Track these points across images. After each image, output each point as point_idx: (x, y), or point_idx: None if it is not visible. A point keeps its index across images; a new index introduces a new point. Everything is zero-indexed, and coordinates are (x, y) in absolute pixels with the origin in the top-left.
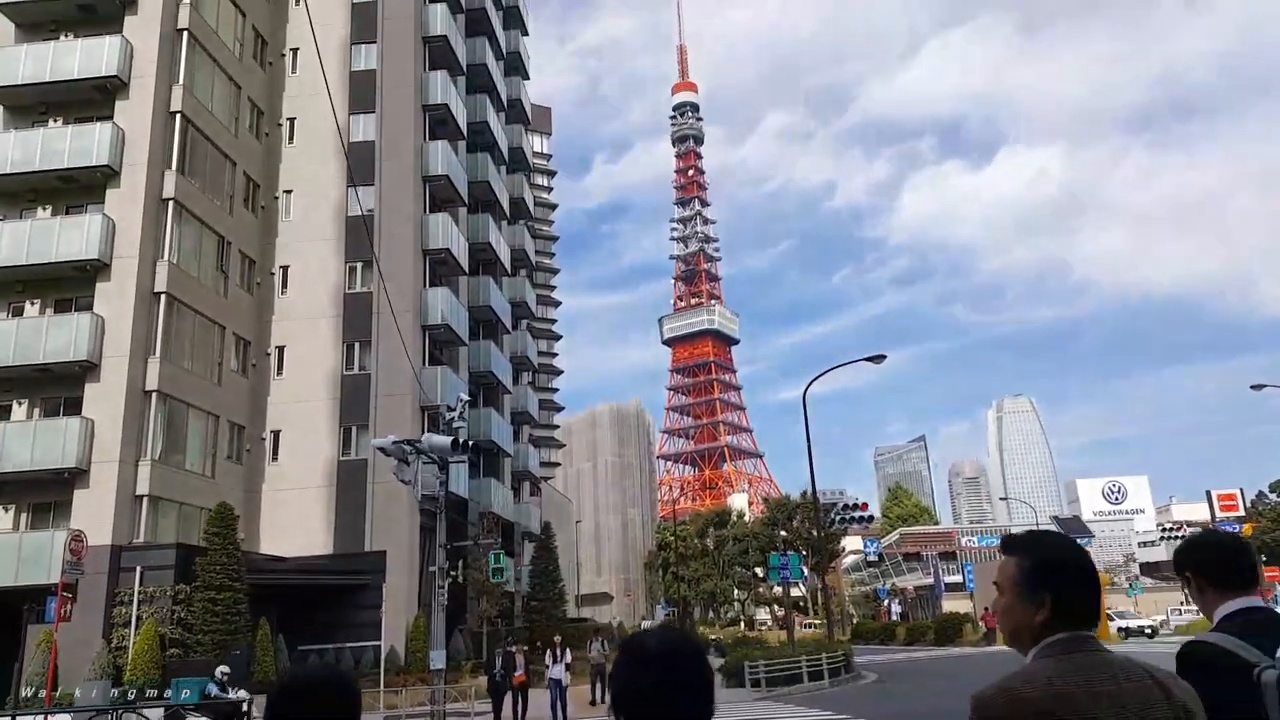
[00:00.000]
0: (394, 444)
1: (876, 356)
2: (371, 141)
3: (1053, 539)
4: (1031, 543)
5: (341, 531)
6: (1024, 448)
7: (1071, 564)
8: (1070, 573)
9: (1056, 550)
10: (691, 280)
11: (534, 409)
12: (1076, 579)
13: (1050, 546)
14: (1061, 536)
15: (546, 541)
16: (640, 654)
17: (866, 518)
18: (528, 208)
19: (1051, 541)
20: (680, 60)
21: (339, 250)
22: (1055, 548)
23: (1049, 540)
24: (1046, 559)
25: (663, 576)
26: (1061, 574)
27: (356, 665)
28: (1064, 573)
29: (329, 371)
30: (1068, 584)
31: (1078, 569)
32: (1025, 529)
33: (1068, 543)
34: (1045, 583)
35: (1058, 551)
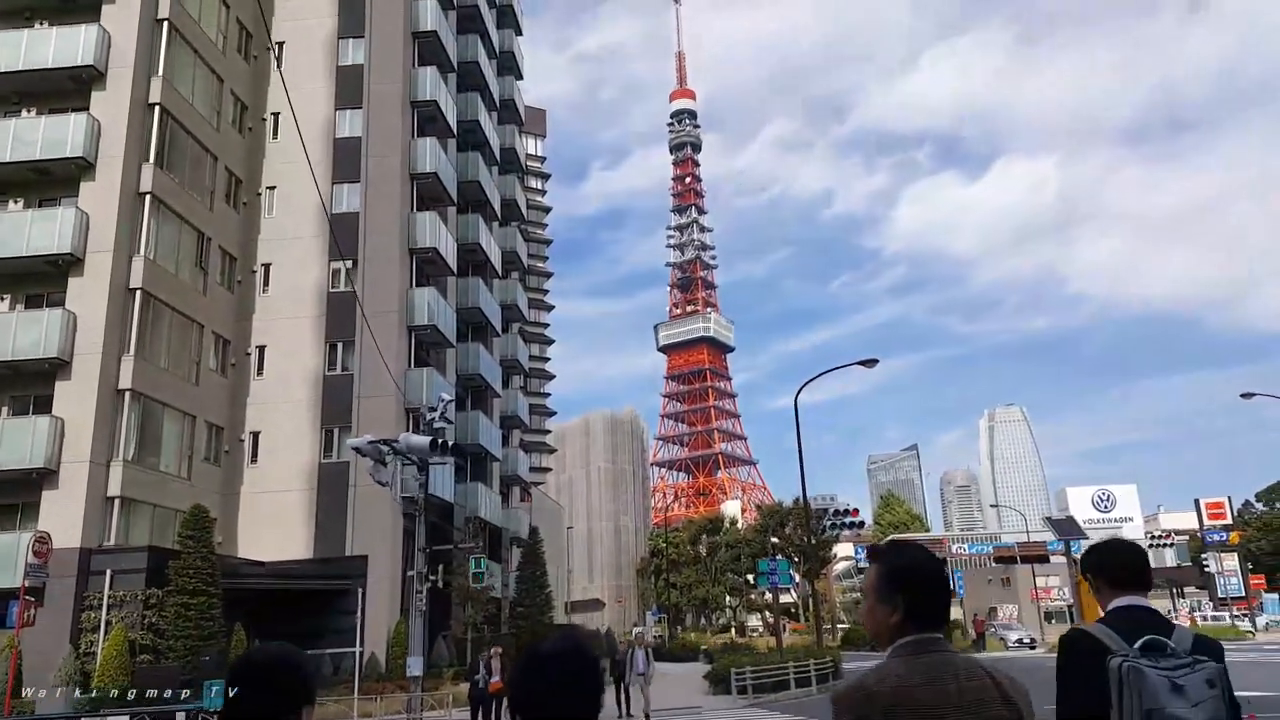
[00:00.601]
0: (370, 444)
1: (869, 360)
2: (358, 138)
3: (908, 549)
4: (889, 552)
5: (322, 535)
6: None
7: (921, 571)
8: (920, 579)
9: (909, 558)
10: (687, 288)
11: (524, 413)
12: (926, 585)
13: (904, 555)
14: (917, 548)
15: (534, 546)
16: (536, 658)
17: (857, 523)
18: (520, 210)
19: (907, 551)
20: (679, 67)
21: (323, 248)
22: (908, 556)
23: (905, 550)
24: (900, 566)
25: (655, 583)
26: (912, 579)
27: (336, 671)
28: (915, 578)
29: (311, 372)
30: (918, 589)
31: (927, 575)
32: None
33: (921, 553)
34: (899, 587)
35: (910, 559)
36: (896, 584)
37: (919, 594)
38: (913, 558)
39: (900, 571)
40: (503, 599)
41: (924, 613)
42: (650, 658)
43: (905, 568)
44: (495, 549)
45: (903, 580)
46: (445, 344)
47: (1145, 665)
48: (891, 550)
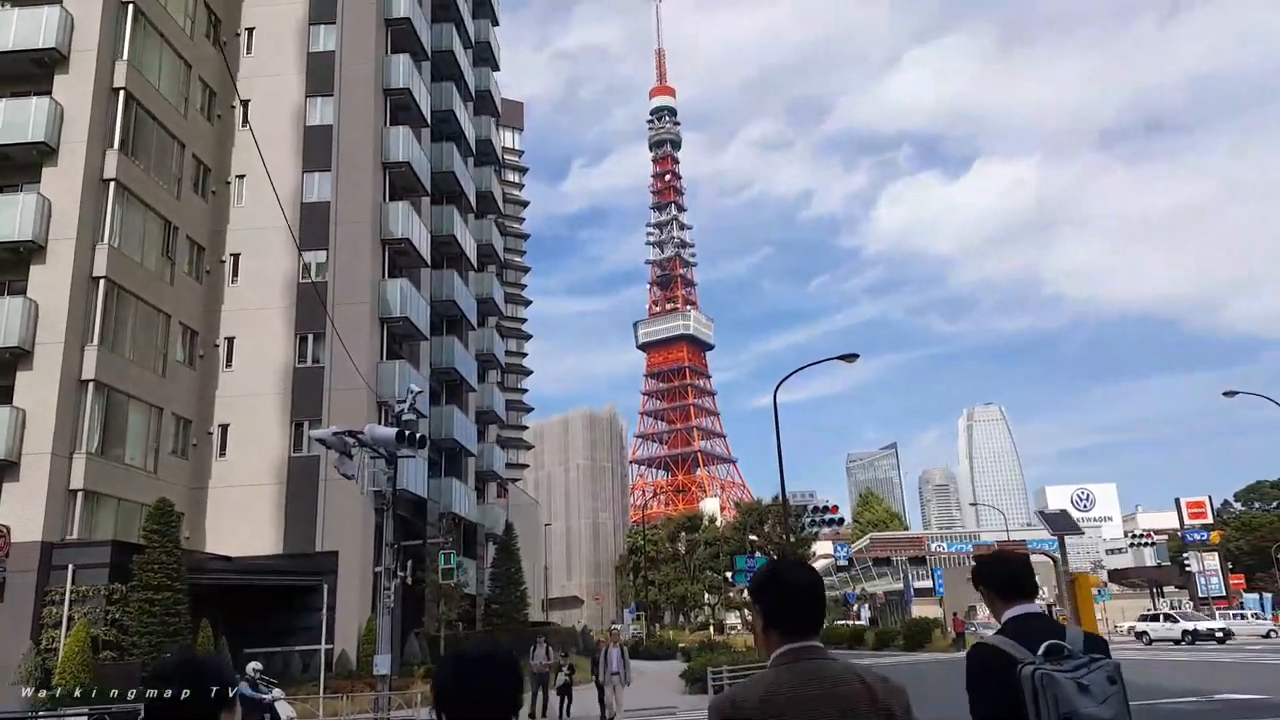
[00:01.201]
0: (335, 435)
1: (849, 355)
2: (329, 125)
3: (773, 565)
4: (759, 571)
5: (292, 530)
6: (993, 456)
7: (774, 584)
8: (772, 591)
9: (766, 574)
10: (667, 285)
11: (500, 408)
12: (778, 596)
13: (763, 571)
14: (782, 563)
15: (508, 543)
16: (458, 661)
17: (836, 520)
18: (496, 202)
19: (768, 567)
20: (658, 64)
21: (293, 238)
22: (764, 572)
23: (768, 566)
24: (758, 582)
25: (633, 580)
26: (767, 593)
27: (305, 669)
28: (769, 592)
29: (280, 364)
30: (773, 601)
31: (780, 587)
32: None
33: (779, 566)
34: (759, 600)
35: (766, 574)
36: (758, 595)
37: (778, 604)
38: (766, 572)
39: (758, 587)
40: (478, 596)
41: (787, 622)
42: (625, 656)
43: (761, 583)
44: (470, 545)
45: (763, 592)
46: (418, 337)
47: (1053, 670)
48: (761, 569)
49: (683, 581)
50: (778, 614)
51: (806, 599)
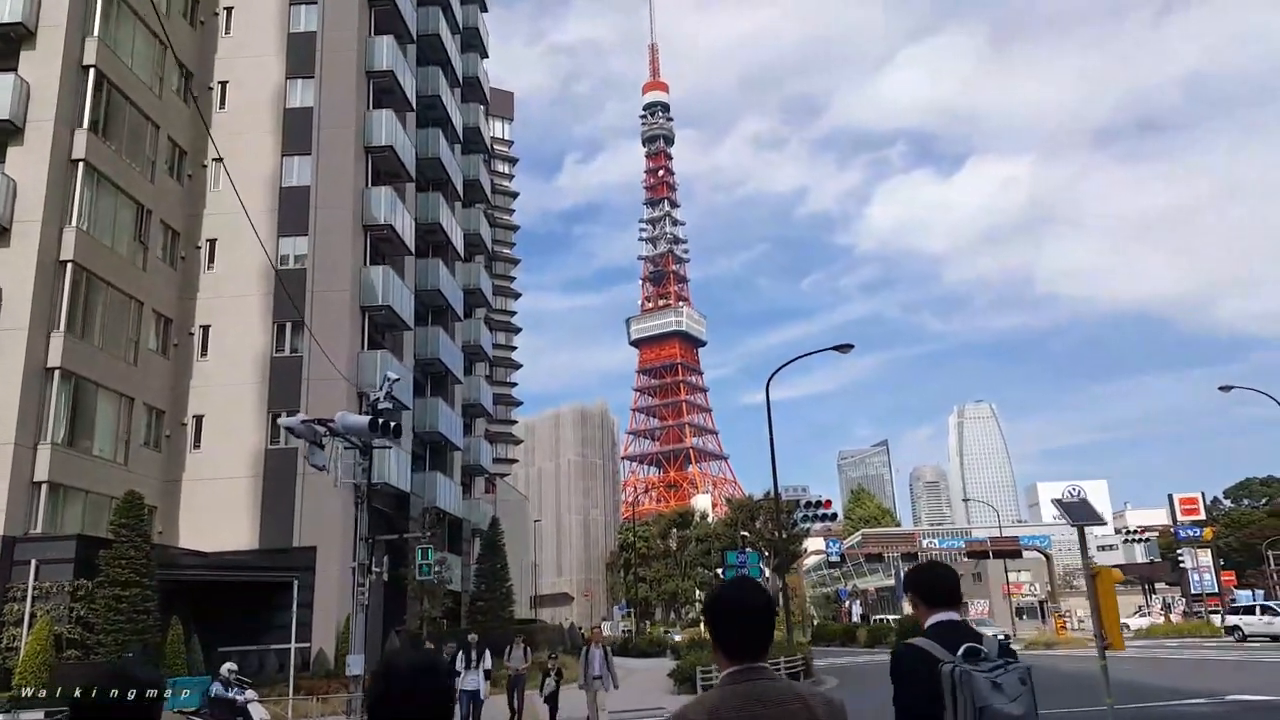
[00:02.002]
0: (304, 424)
1: (843, 346)
2: (310, 108)
3: (722, 586)
4: (711, 590)
5: (268, 525)
6: (983, 453)
7: (720, 606)
8: (719, 613)
9: (715, 597)
10: (660, 281)
11: (488, 402)
12: (724, 618)
13: (713, 595)
14: (734, 586)
15: (494, 538)
16: (387, 671)
17: (830, 515)
18: (484, 191)
19: (718, 591)
20: (652, 59)
21: (272, 223)
22: (715, 595)
23: (719, 589)
24: (708, 603)
25: (624, 577)
26: (714, 615)
27: (281, 669)
28: (716, 614)
29: (257, 353)
30: (719, 623)
31: (728, 610)
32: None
33: (729, 590)
34: (710, 623)
35: (714, 597)
36: (708, 616)
37: (726, 626)
38: (718, 596)
39: (708, 608)
40: (462, 593)
41: (732, 644)
42: (609, 657)
43: (710, 605)
44: (455, 541)
45: (711, 614)
46: (402, 326)
47: (971, 669)
48: (711, 592)
49: (674, 578)
50: (726, 635)
51: (753, 622)
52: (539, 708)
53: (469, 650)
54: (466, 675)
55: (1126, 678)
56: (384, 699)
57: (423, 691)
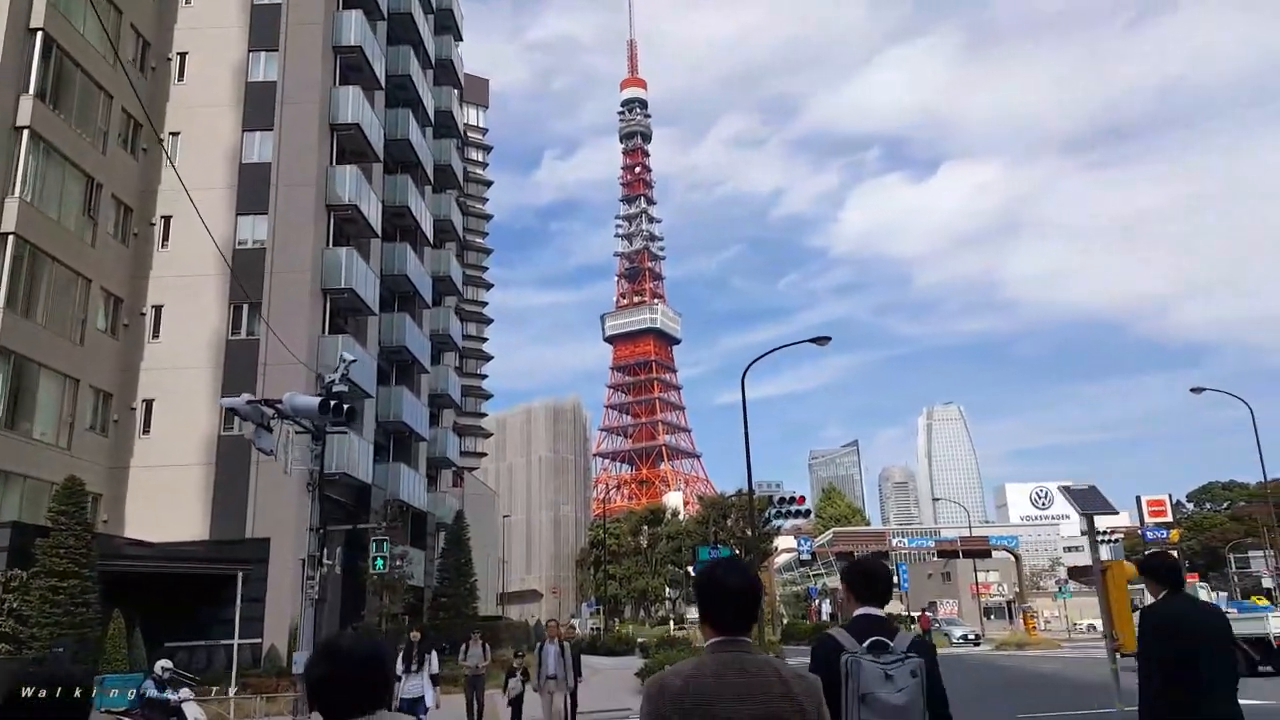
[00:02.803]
0: (249, 404)
1: (821, 339)
2: (273, 82)
3: (712, 565)
4: (701, 569)
5: (220, 515)
6: (951, 454)
7: (708, 583)
8: (707, 590)
9: (704, 574)
10: (635, 278)
11: (456, 393)
12: (712, 595)
13: (703, 572)
14: (723, 566)
15: (458, 532)
16: (323, 653)
17: (803, 511)
18: (456, 177)
19: (707, 568)
20: (630, 55)
21: (230, 201)
22: (704, 573)
23: (707, 567)
24: (698, 581)
25: (594, 574)
26: (703, 592)
27: (230, 665)
28: (704, 590)
29: (213, 336)
30: (706, 598)
31: (713, 587)
32: (954, 532)
33: (717, 569)
34: (698, 598)
35: (704, 575)
36: (698, 591)
37: (707, 603)
38: (705, 574)
39: (697, 585)
40: (425, 588)
41: (716, 617)
42: (568, 655)
43: (700, 583)
44: (419, 535)
45: (701, 589)
46: (366, 311)
47: (866, 660)
48: (702, 569)
49: (644, 575)
50: (712, 610)
51: (738, 599)
52: (501, 709)
53: (410, 650)
54: (407, 680)
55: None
56: (324, 680)
57: (355, 673)
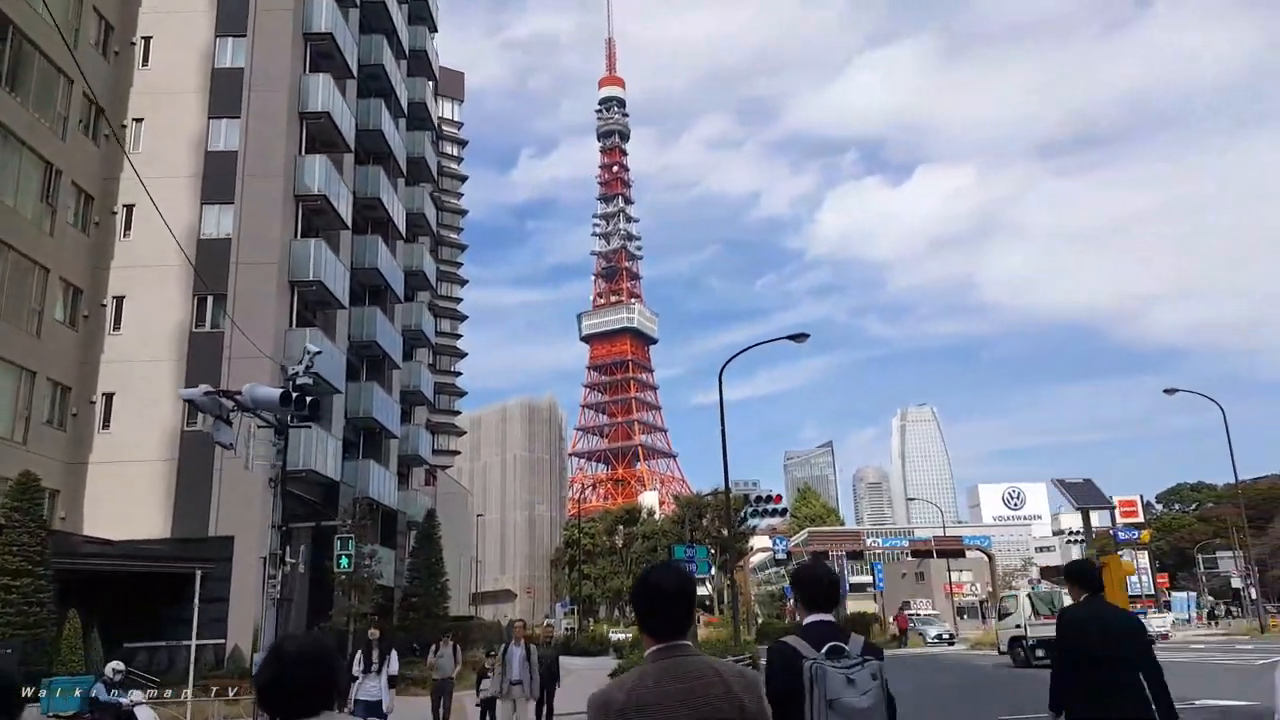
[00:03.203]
0: (207, 395)
1: (798, 335)
2: (240, 69)
3: (645, 571)
4: (636, 579)
5: (183, 512)
6: (924, 455)
7: (643, 591)
8: (642, 597)
9: (640, 581)
10: (612, 278)
11: (429, 390)
12: (647, 602)
13: (640, 579)
14: (655, 571)
15: (430, 531)
16: (273, 655)
17: (780, 510)
18: (430, 170)
19: (642, 575)
20: (608, 54)
21: (195, 189)
22: (641, 579)
23: (642, 574)
24: (634, 588)
25: (569, 574)
26: (639, 598)
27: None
28: (640, 597)
29: (176, 328)
30: (644, 603)
31: (649, 594)
32: (927, 532)
33: (651, 575)
34: (634, 604)
35: (640, 579)
36: (633, 599)
37: (648, 607)
38: (645, 576)
39: (634, 592)
40: (395, 588)
41: (655, 623)
42: (534, 659)
43: (636, 589)
44: (389, 534)
45: (635, 596)
46: (335, 304)
47: (828, 666)
48: (642, 571)
49: (619, 575)
50: (648, 617)
51: (673, 603)
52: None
53: (369, 651)
54: (365, 681)
55: None
56: (270, 683)
57: (304, 675)
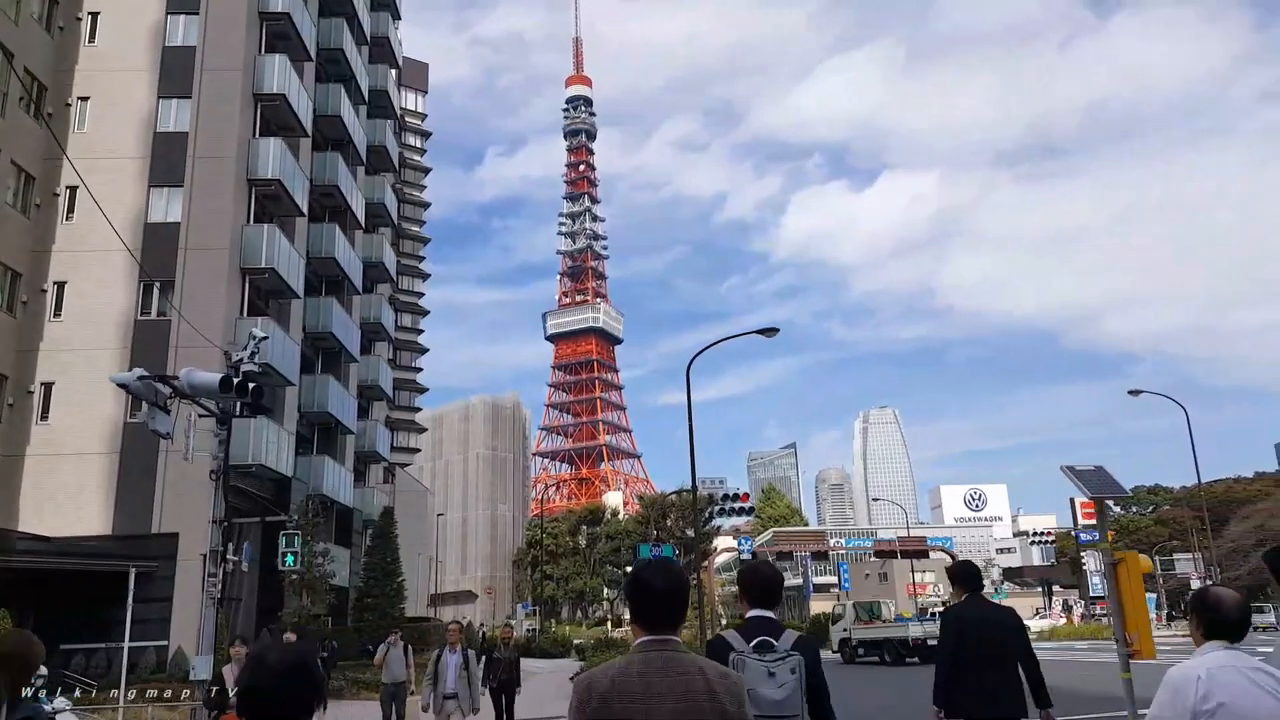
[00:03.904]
0: (141, 380)
1: (768, 329)
2: (193, 47)
3: (643, 568)
4: (631, 571)
5: (125, 508)
6: (886, 457)
7: (636, 583)
8: (635, 589)
9: (634, 576)
10: (578, 277)
11: (388, 384)
12: (639, 594)
13: (633, 574)
14: (651, 567)
15: (385, 529)
16: (256, 665)
17: (747, 509)
18: (391, 159)
19: (637, 570)
20: (575, 53)
21: (143, 172)
22: (634, 574)
23: (636, 568)
24: (628, 581)
25: (531, 574)
26: (632, 591)
27: (133, 669)
28: (633, 590)
29: (120, 316)
30: (635, 597)
31: (640, 587)
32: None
33: (646, 570)
34: (629, 599)
35: (632, 575)
36: (627, 592)
37: (636, 602)
38: (633, 573)
39: (627, 585)
40: (350, 588)
41: (645, 617)
42: (473, 667)
43: (629, 582)
44: (344, 533)
45: (628, 591)
46: (289, 294)
47: (752, 658)
48: (636, 566)
49: (582, 576)
50: (640, 610)
51: (666, 599)
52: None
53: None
54: None
55: (1067, 685)
56: (252, 691)
57: (286, 685)
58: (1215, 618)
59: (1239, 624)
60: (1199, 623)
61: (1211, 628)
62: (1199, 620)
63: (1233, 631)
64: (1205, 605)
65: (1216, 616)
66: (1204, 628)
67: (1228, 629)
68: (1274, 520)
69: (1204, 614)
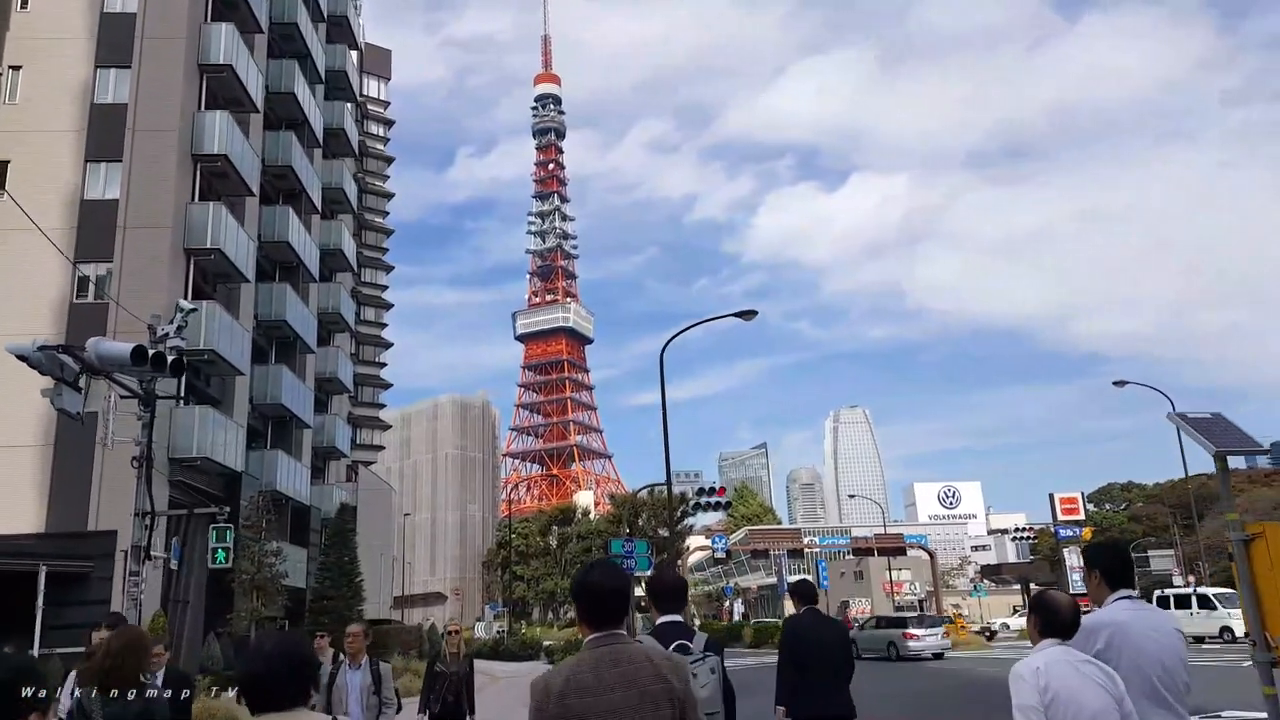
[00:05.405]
0: (42, 350)
1: (747, 312)
2: (132, 14)
3: (586, 571)
4: (577, 574)
5: (60, 504)
6: (857, 456)
7: (583, 585)
8: (582, 591)
9: (578, 577)
10: (548, 277)
11: (348, 378)
12: (587, 595)
13: (580, 576)
14: (595, 569)
15: (342, 527)
16: (255, 651)
17: (724, 503)
18: (352, 146)
19: (582, 572)
20: (544, 51)
21: (79, 145)
22: (580, 576)
23: (582, 572)
24: (574, 584)
25: (501, 576)
26: (579, 592)
27: (68, 674)
28: (580, 591)
29: (55, 298)
30: (582, 598)
31: (587, 588)
32: (861, 531)
33: (591, 572)
34: (575, 601)
35: (578, 578)
36: (574, 593)
37: (588, 601)
38: (584, 574)
39: (576, 584)
40: (307, 589)
41: (592, 615)
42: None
43: (578, 581)
44: (300, 531)
45: (575, 593)
46: (237, 278)
47: None
48: (582, 568)
49: (553, 577)
50: (588, 609)
51: (609, 597)
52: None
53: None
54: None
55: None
56: (256, 676)
57: (286, 670)
58: (1052, 618)
59: (1070, 624)
60: (1038, 622)
61: (1047, 627)
62: (1038, 620)
63: (1065, 630)
64: (1044, 607)
65: (1053, 617)
66: (1041, 627)
67: (1062, 628)
68: (1248, 516)
69: (1043, 614)
